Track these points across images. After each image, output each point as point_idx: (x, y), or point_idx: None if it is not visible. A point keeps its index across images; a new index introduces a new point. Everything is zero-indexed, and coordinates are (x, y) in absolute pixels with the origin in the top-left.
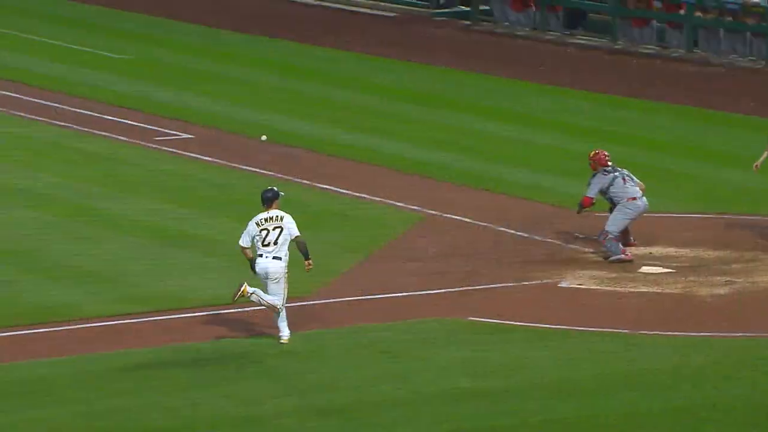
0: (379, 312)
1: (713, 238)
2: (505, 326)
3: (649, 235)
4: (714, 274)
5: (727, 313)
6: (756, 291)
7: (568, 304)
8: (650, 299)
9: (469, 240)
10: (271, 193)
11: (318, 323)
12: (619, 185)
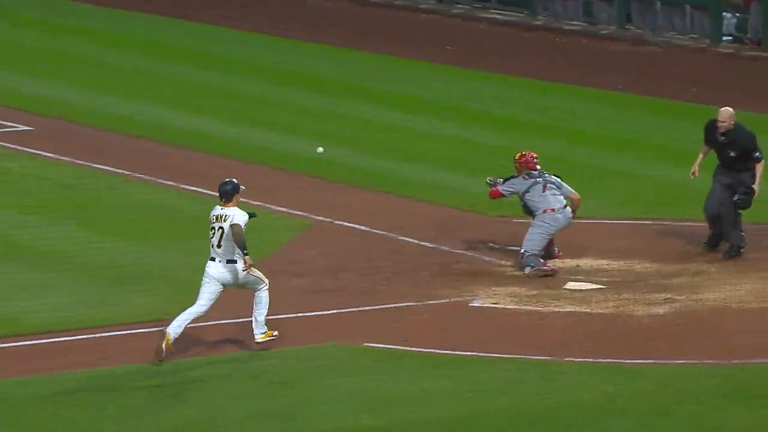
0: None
1: (651, 248)
2: (406, 353)
3: (576, 245)
4: (652, 291)
5: (667, 336)
6: (701, 310)
7: (481, 327)
8: (577, 320)
9: (364, 251)
10: (229, 186)
11: (192, 350)
12: (536, 193)
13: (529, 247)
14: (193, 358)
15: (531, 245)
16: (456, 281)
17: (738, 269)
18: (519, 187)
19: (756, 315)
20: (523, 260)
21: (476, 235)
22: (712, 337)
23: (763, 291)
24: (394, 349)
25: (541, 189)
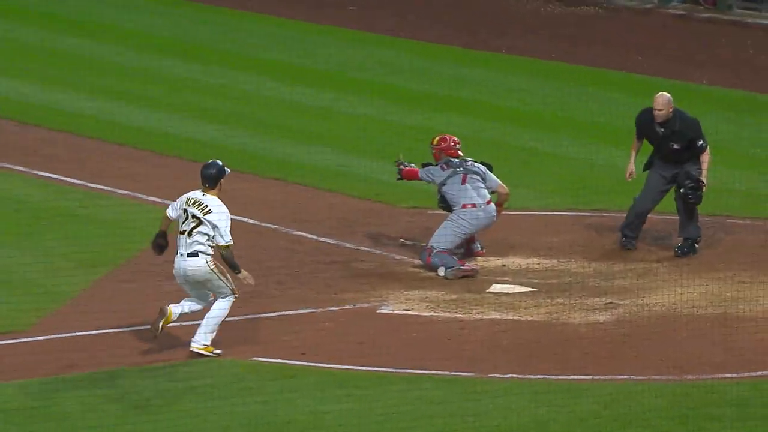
0: (128, 350)
1: (590, 244)
2: (303, 369)
3: (502, 241)
4: (591, 294)
5: (609, 348)
6: (647, 317)
7: (391, 337)
8: (504, 330)
9: (253, 249)
10: (213, 169)
11: (43, 369)
12: (454, 184)
13: (437, 242)
14: (32, 379)
15: (440, 241)
16: (361, 284)
17: (690, 269)
18: (436, 177)
19: (711, 322)
20: (430, 258)
21: (385, 229)
22: (661, 349)
23: (719, 294)
24: (288, 364)
25: (461, 180)
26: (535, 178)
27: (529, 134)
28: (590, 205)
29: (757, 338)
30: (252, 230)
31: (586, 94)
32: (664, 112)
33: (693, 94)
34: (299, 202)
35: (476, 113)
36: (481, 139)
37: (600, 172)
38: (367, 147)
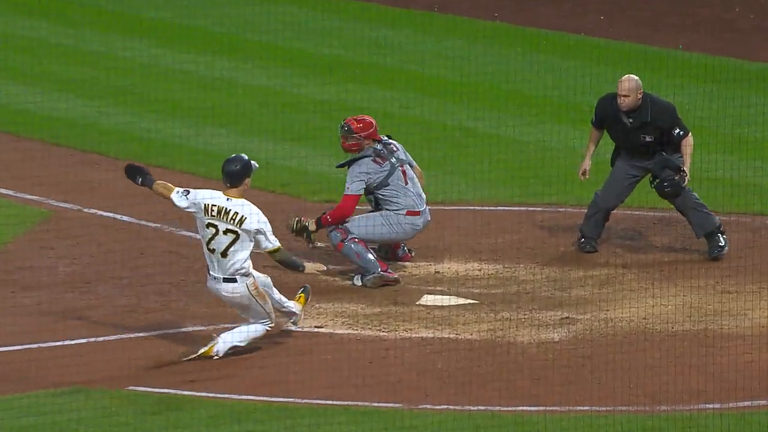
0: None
1: (541, 246)
2: (192, 399)
3: (435, 242)
4: (543, 308)
5: (565, 373)
6: (612, 335)
7: (300, 360)
8: (437, 350)
9: (129, 252)
10: (237, 164)
11: None
12: (397, 183)
13: (357, 228)
14: None
15: (361, 229)
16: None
17: (664, 276)
18: (374, 176)
19: (689, 341)
20: (343, 245)
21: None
22: (629, 375)
23: (698, 306)
24: (172, 394)
25: (402, 179)
26: (475, 165)
27: (466, 111)
28: (542, 199)
29: (745, 360)
30: (127, 229)
31: (537, 63)
32: (632, 99)
33: (666, 62)
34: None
35: (402, 85)
36: (408, 117)
37: (554, 158)
38: (270, 126)
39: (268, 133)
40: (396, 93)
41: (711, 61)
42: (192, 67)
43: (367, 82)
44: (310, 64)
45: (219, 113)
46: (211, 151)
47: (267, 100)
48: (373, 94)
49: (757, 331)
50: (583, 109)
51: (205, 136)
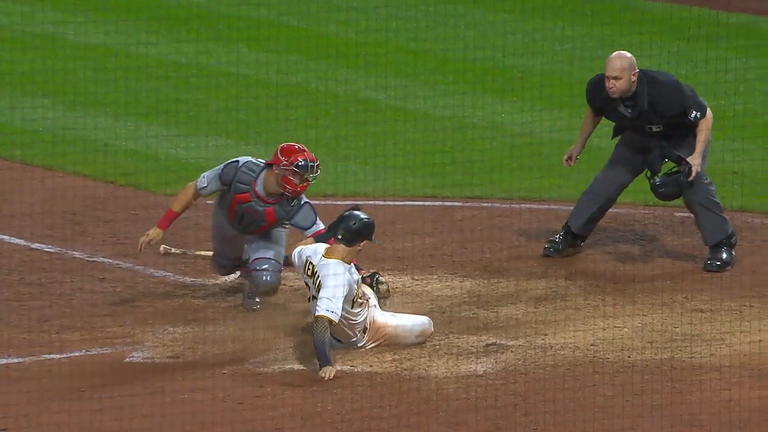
0: None
1: (460, 250)
2: None
3: None
4: (463, 331)
5: (490, 416)
6: (551, 366)
7: (148, 401)
8: (328, 388)
9: None
10: (359, 223)
11: None
12: None
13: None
14: None
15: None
16: (100, 316)
17: (618, 289)
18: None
19: (651, 374)
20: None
21: (139, 229)
22: (573, 417)
23: (662, 330)
24: None
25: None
26: (376, 148)
27: (364, 79)
28: (462, 191)
29: (723, 399)
30: None
31: (454, 16)
32: (624, 83)
33: (621, 14)
34: (3, 191)
35: (280, 45)
36: (288, 86)
37: (477, 139)
38: (109, 97)
39: (106, 105)
40: (272, 55)
41: (678, 12)
42: (4, 19)
43: (234, 41)
44: (161, 16)
45: (41, 80)
46: (30, 129)
47: (104, 64)
48: (243, 55)
49: (737, 362)
50: (513, 75)
51: (23, 110)
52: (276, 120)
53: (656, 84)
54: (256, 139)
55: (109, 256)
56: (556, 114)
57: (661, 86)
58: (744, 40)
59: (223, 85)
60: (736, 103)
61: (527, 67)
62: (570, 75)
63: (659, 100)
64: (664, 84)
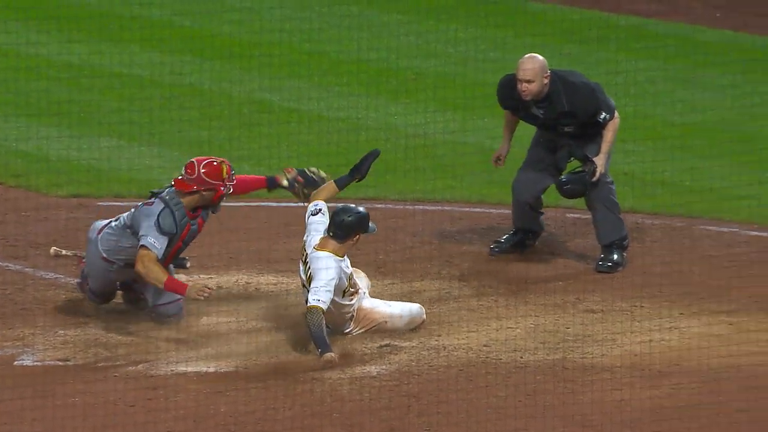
0: None
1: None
2: None
3: (219, 248)
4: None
5: (384, 418)
6: (444, 367)
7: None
8: (221, 390)
9: None
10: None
11: None
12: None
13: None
14: None
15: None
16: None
17: (511, 290)
18: None
19: (543, 374)
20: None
21: (28, 231)
22: (466, 418)
23: (554, 330)
24: None
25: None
26: (270, 150)
27: (258, 80)
28: (356, 192)
29: (614, 399)
30: None
31: (348, 17)
32: (536, 86)
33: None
34: None
35: (174, 45)
36: (182, 86)
37: (371, 140)
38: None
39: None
40: (165, 55)
41: (569, 14)
42: None
43: (127, 40)
44: (52, 16)
45: None
46: None
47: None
48: (136, 56)
49: (629, 362)
50: (406, 76)
51: None
52: (170, 121)
53: (571, 86)
54: (150, 140)
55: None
56: (449, 116)
57: (576, 88)
58: (634, 42)
59: (115, 86)
60: (627, 105)
61: (421, 69)
62: (464, 77)
63: (576, 102)
64: (579, 86)
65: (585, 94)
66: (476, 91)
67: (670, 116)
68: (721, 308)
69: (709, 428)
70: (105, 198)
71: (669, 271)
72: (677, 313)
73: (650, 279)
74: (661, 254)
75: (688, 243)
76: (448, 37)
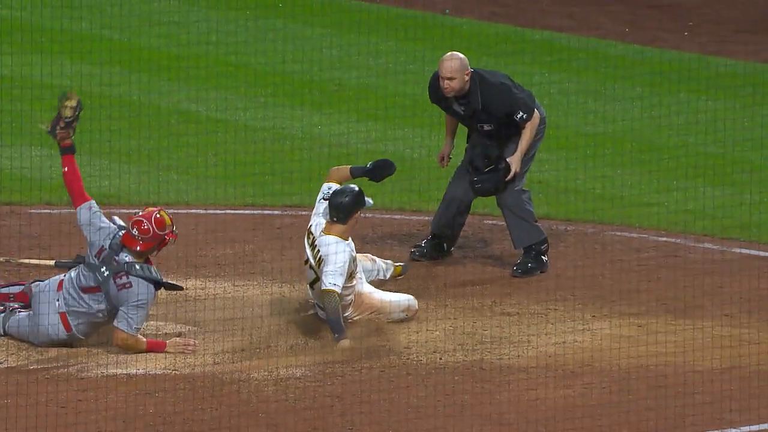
0: None
1: (279, 257)
2: None
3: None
4: (283, 334)
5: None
6: (366, 368)
7: None
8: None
9: None
10: (347, 196)
11: None
12: None
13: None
14: None
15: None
16: None
17: (430, 294)
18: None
19: (462, 375)
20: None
21: None
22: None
23: (472, 333)
24: None
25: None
26: (197, 159)
27: (185, 91)
28: (281, 200)
29: (529, 398)
30: None
31: (273, 30)
32: (457, 83)
33: (431, 30)
34: None
35: (102, 57)
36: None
37: (295, 149)
38: None
39: None
40: (94, 67)
41: (485, 29)
42: None
43: (56, 53)
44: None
45: None
46: None
47: None
48: (65, 67)
49: (543, 362)
50: (329, 88)
51: None
52: (99, 131)
53: (487, 84)
54: (79, 148)
55: None
56: (370, 125)
57: (491, 86)
58: (547, 56)
59: (45, 97)
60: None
61: (342, 81)
62: (384, 88)
63: (490, 99)
64: (494, 84)
65: (500, 92)
66: (396, 102)
67: (582, 126)
68: (630, 311)
69: (619, 426)
70: (36, 205)
71: (581, 275)
72: (589, 315)
73: (563, 283)
74: (574, 259)
75: (599, 248)
76: (369, 50)
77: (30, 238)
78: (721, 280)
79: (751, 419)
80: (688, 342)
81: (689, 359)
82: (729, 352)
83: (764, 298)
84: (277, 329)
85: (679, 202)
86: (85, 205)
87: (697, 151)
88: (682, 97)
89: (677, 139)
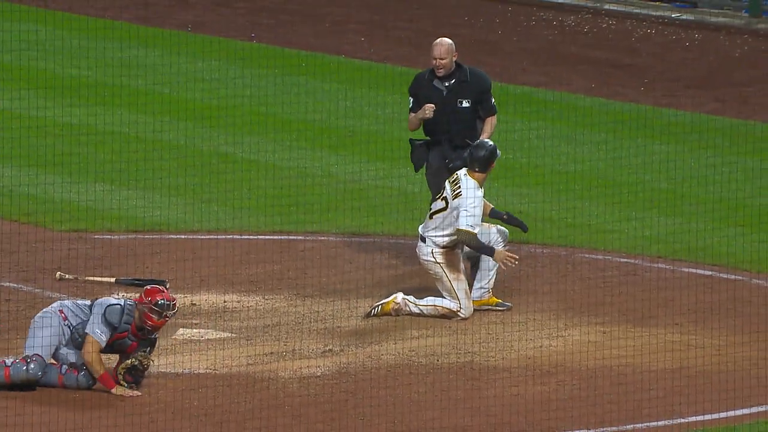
0: None
1: (302, 275)
2: None
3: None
4: (305, 340)
5: (326, 410)
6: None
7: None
8: (193, 387)
9: None
10: (483, 150)
11: None
12: None
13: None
14: None
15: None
16: (6, 330)
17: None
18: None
19: (455, 374)
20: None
21: (36, 258)
22: (392, 410)
23: (463, 338)
24: None
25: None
26: (233, 193)
27: (223, 136)
28: (303, 227)
29: (511, 393)
30: None
31: (296, 85)
32: (448, 62)
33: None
34: None
35: (154, 108)
36: (161, 142)
37: (314, 185)
38: (13, 152)
39: (11, 159)
40: (148, 117)
41: None
42: None
43: (116, 105)
44: (56, 85)
45: None
46: None
47: (7, 124)
48: (124, 117)
49: (524, 363)
50: (343, 133)
51: None
52: (152, 170)
53: (473, 68)
54: (136, 185)
55: (14, 281)
56: (378, 165)
57: (476, 69)
58: (526, 107)
59: (107, 141)
60: (521, 157)
61: (355, 127)
62: (390, 134)
63: (475, 74)
64: (478, 70)
65: (479, 71)
66: (400, 145)
67: (556, 166)
68: (596, 320)
69: (587, 417)
70: (99, 232)
71: (555, 291)
72: (562, 324)
73: (540, 297)
74: (549, 277)
75: (570, 268)
76: (377, 101)
77: (94, 260)
78: (672, 294)
79: (697, 411)
80: (644, 346)
81: (645, 361)
82: (679, 355)
83: (708, 309)
84: (300, 336)
85: (637, 229)
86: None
87: (652, 186)
88: (639, 141)
89: (635, 176)
